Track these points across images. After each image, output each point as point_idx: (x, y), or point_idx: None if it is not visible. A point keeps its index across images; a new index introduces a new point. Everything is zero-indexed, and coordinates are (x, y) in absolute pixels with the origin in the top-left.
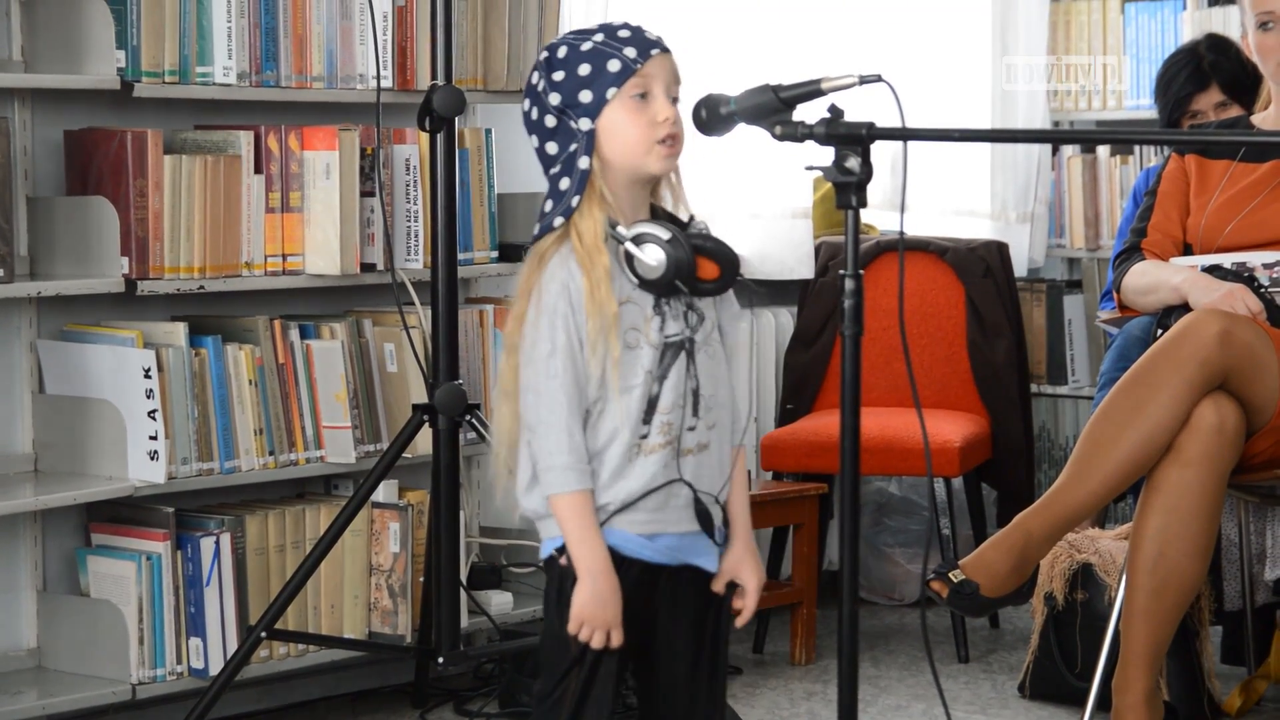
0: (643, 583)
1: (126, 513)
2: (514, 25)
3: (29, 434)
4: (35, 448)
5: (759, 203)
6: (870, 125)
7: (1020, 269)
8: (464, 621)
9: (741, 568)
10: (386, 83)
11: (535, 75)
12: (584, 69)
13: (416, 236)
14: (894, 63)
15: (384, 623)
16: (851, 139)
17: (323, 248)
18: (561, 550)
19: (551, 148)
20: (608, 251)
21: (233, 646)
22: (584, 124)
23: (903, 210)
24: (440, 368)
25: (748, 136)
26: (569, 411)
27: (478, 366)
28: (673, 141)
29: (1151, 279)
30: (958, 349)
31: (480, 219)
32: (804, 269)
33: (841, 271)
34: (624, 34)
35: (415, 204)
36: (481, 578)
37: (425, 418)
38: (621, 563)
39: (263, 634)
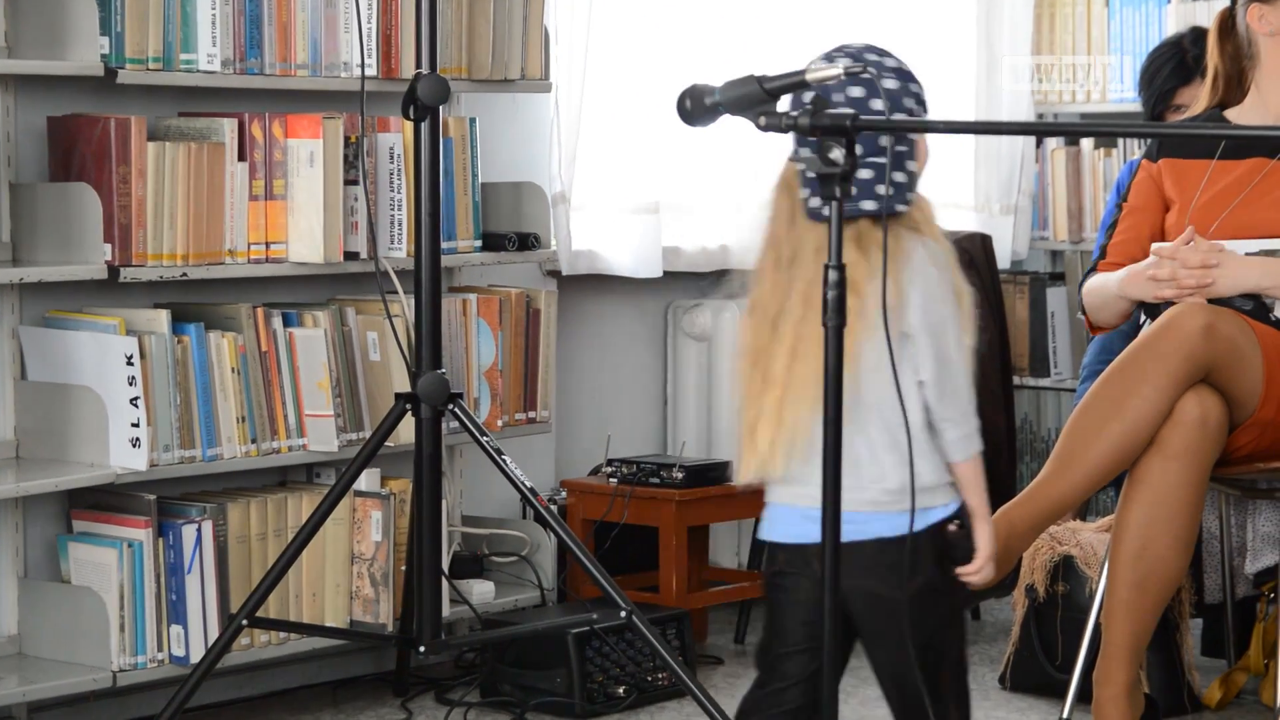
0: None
1: (108, 500)
2: (499, 14)
3: (10, 420)
4: (17, 434)
5: (741, 194)
6: (854, 116)
7: (1003, 261)
8: (445, 610)
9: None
10: (371, 71)
11: (893, 81)
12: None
13: (400, 225)
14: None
15: (365, 611)
16: (836, 130)
17: (306, 236)
18: (953, 517)
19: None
20: None
21: (214, 634)
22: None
23: (887, 202)
24: (423, 357)
25: (729, 128)
26: None
27: (461, 356)
28: None
29: (1098, 295)
30: None
31: (464, 208)
32: None
33: (825, 263)
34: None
35: (399, 193)
36: (463, 567)
37: (408, 406)
38: None
39: (244, 622)
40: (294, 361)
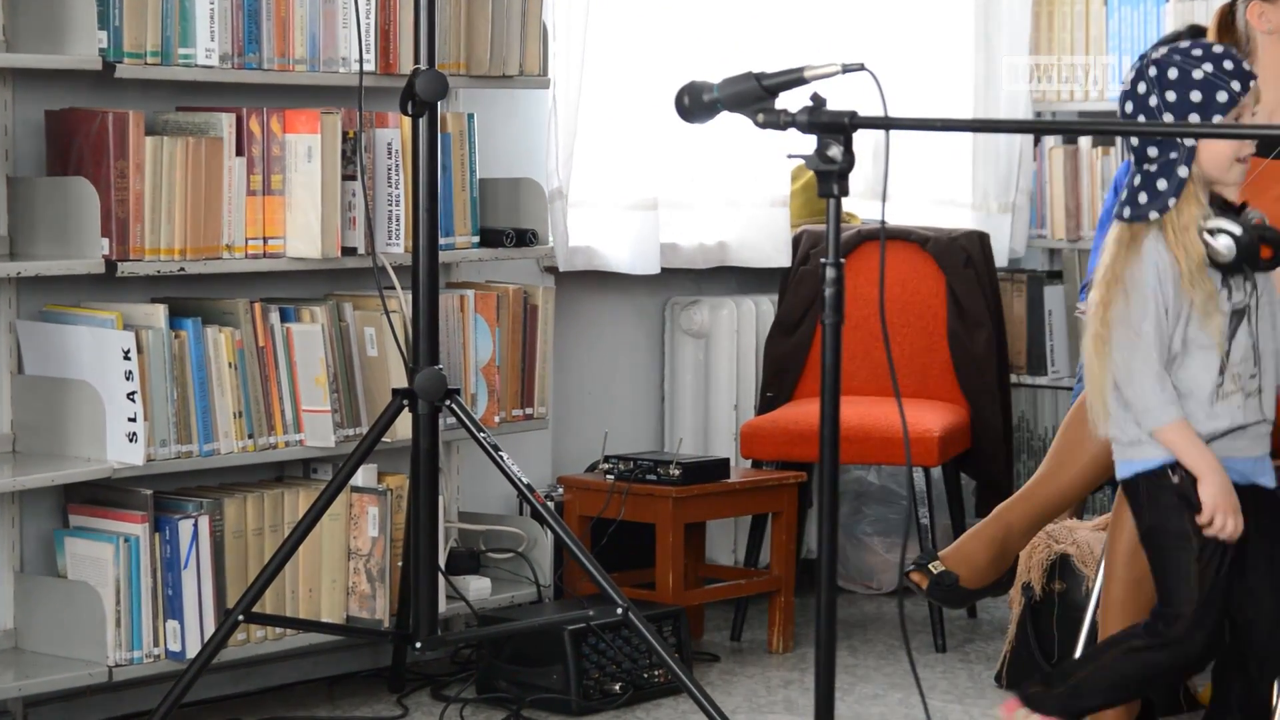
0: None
1: (104, 494)
2: (497, 10)
3: (7, 414)
4: (13, 428)
5: (738, 191)
6: (853, 114)
7: (1001, 259)
8: (442, 606)
9: None
10: (369, 66)
11: (1144, 86)
12: (1195, 95)
13: (398, 221)
14: (877, 52)
15: (362, 607)
16: (834, 127)
17: (304, 231)
18: (1174, 468)
19: (1153, 151)
20: (1199, 242)
21: (210, 629)
22: (1189, 141)
23: (884, 199)
24: (420, 352)
25: (726, 125)
26: (1159, 363)
27: (458, 351)
28: (1248, 161)
29: None
30: (938, 338)
31: (461, 204)
32: (782, 257)
33: (823, 260)
34: (1228, 66)
35: (397, 188)
36: (460, 563)
37: (405, 402)
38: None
39: (240, 617)
40: (291, 357)
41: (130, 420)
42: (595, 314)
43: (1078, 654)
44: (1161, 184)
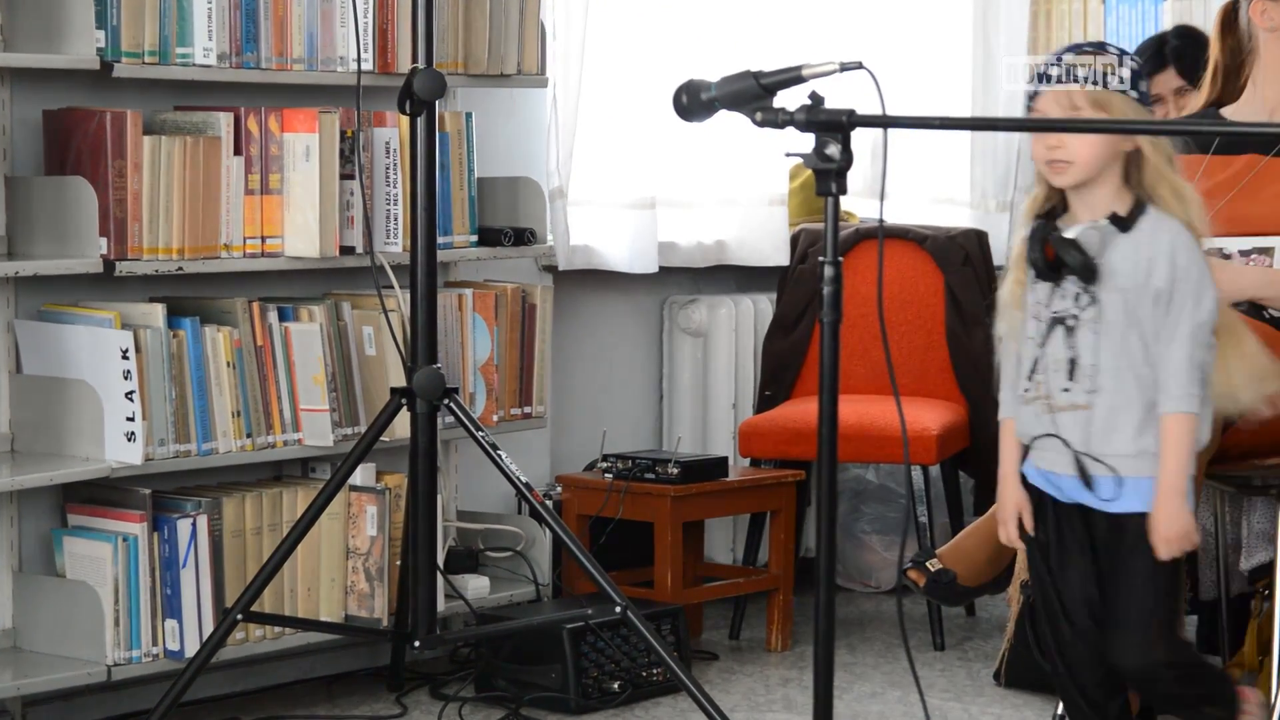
0: (1045, 506)
1: (103, 494)
2: (495, 9)
3: (5, 414)
4: (12, 428)
5: (735, 189)
6: (850, 112)
7: (999, 257)
8: (440, 605)
9: (1155, 514)
10: (367, 65)
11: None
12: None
13: (396, 220)
14: (875, 51)
15: (360, 606)
16: (832, 126)
17: (302, 230)
18: None
19: None
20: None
21: (209, 629)
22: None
23: (882, 198)
24: (419, 351)
25: (725, 124)
26: (1013, 353)
27: (456, 350)
28: (1060, 165)
29: None
30: (936, 337)
31: (460, 203)
32: (779, 256)
33: (821, 258)
34: (1054, 71)
35: (395, 187)
36: (458, 562)
37: (403, 401)
38: (1028, 485)
39: (239, 616)
40: (289, 356)
41: (129, 420)
42: (593, 313)
43: None
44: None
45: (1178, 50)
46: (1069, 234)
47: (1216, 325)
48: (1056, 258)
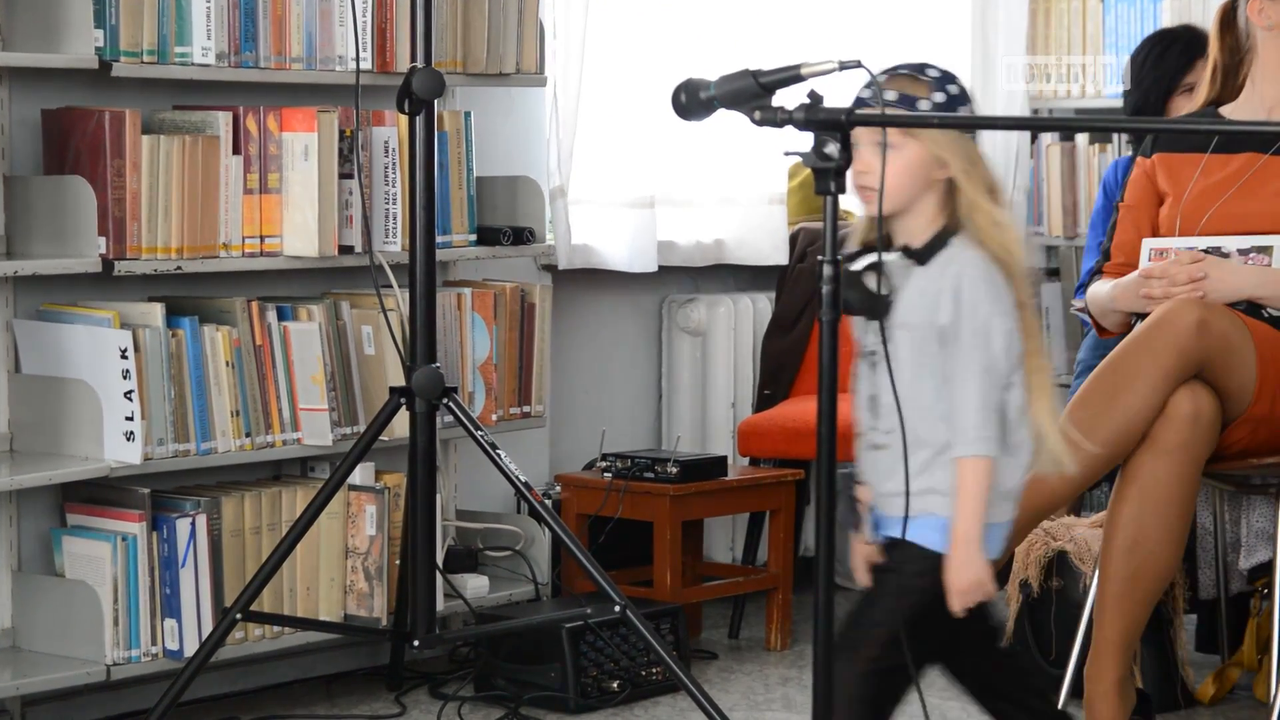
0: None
1: (102, 493)
2: (494, 8)
3: (4, 414)
4: (11, 427)
5: (734, 188)
6: (850, 111)
7: None
8: (440, 605)
9: (946, 564)
10: (366, 65)
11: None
12: None
13: (395, 219)
14: (874, 50)
15: (359, 605)
16: (831, 124)
17: (301, 229)
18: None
19: None
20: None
21: (208, 628)
22: None
23: (881, 197)
24: (418, 351)
25: (723, 123)
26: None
27: (455, 350)
28: (866, 191)
29: (1097, 305)
30: None
31: (459, 202)
32: (779, 255)
33: (820, 257)
34: (865, 94)
35: (394, 186)
36: (457, 561)
37: (402, 400)
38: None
39: (238, 616)
40: (288, 355)
41: (127, 419)
42: (592, 312)
43: (1075, 650)
44: None
45: (1205, 42)
46: (856, 267)
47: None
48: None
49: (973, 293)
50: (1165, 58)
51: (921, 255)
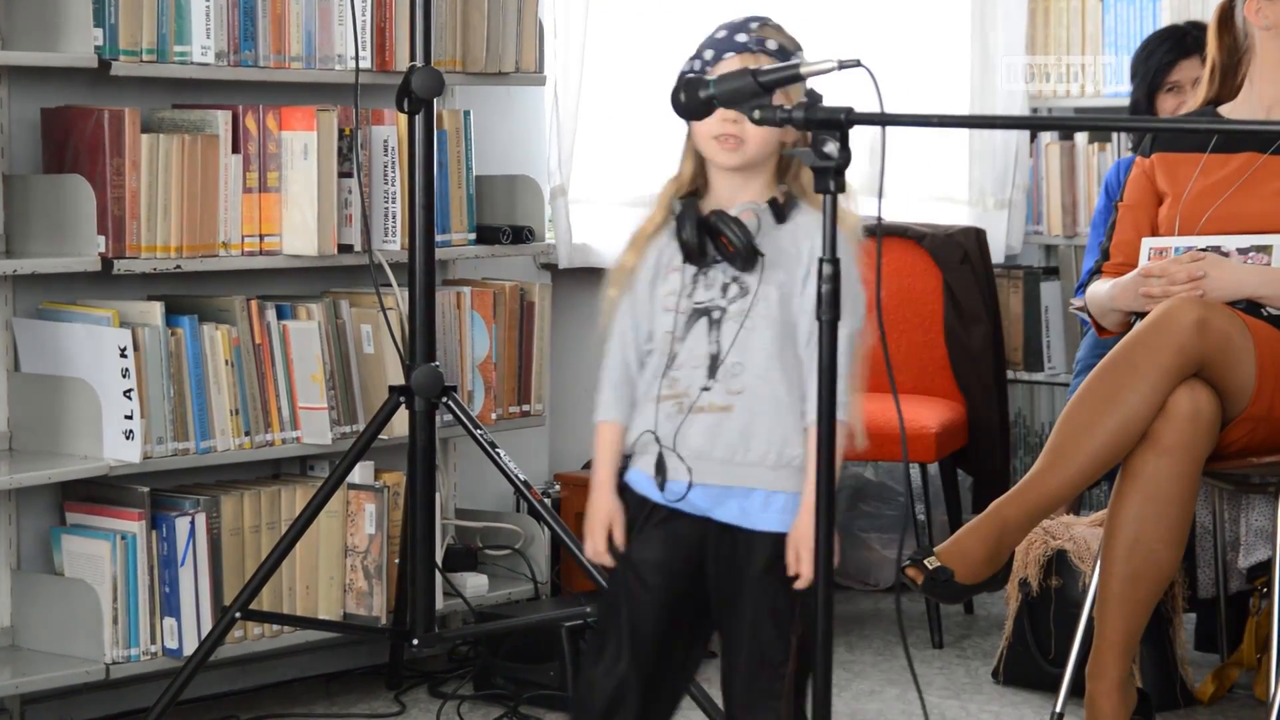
0: (661, 523)
1: (101, 492)
2: (493, 7)
3: (4, 412)
4: (10, 426)
5: None
6: (848, 110)
7: (998, 255)
8: (439, 604)
9: (795, 534)
10: (365, 64)
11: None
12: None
13: (394, 218)
14: (873, 49)
15: (359, 604)
16: (830, 123)
17: (300, 228)
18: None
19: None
20: (680, 220)
21: (207, 627)
22: None
23: (880, 196)
24: (417, 349)
25: None
26: (619, 349)
27: (454, 348)
28: (730, 140)
29: (1096, 305)
30: (934, 335)
31: (458, 201)
32: None
33: (819, 257)
34: (721, 34)
35: (393, 185)
36: (457, 560)
37: (402, 399)
38: (633, 497)
39: (237, 614)
40: (288, 354)
41: (127, 418)
42: (592, 311)
43: (1074, 649)
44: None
45: (1200, 41)
46: (733, 212)
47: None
48: (710, 240)
49: (846, 257)
50: (1151, 57)
51: (782, 212)
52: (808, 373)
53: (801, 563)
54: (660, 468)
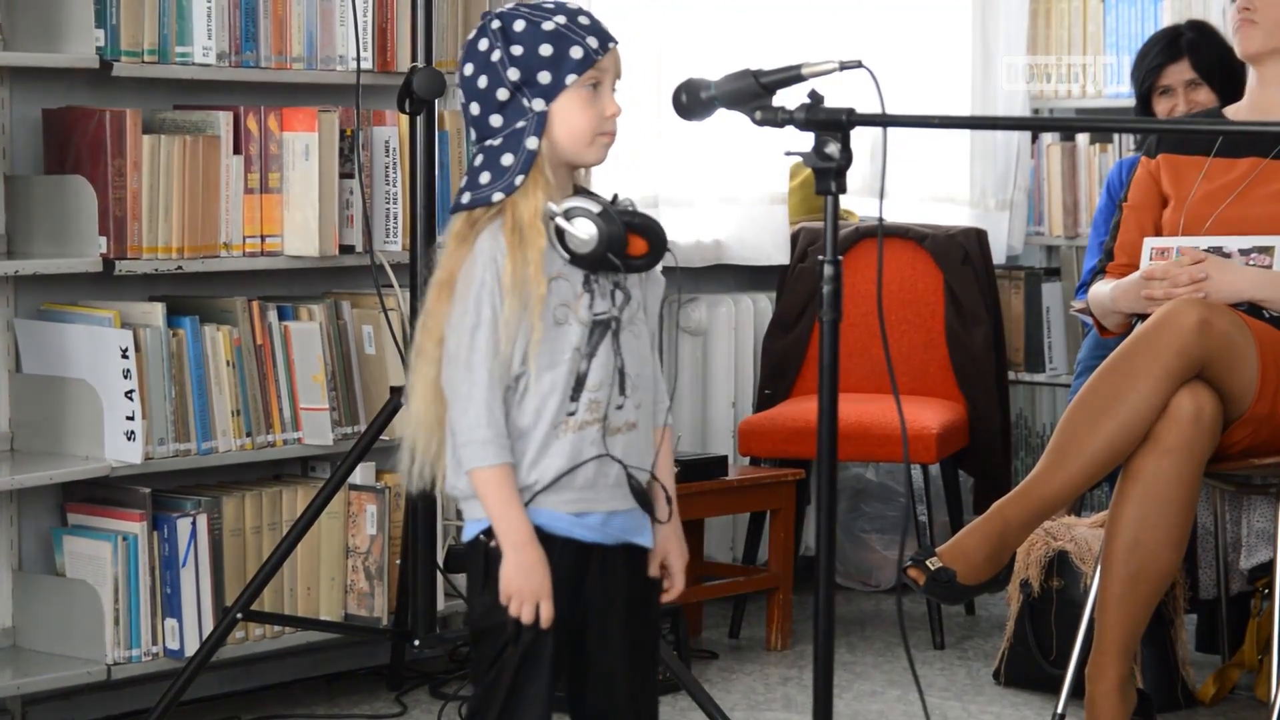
0: (575, 564)
1: (103, 493)
2: (494, 7)
3: (5, 413)
4: (11, 427)
5: (736, 188)
6: (850, 111)
7: (999, 256)
8: (440, 604)
9: (669, 547)
10: (366, 64)
11: (486, 42)
12: (545, 50)
13: (395, 218)
14: (874, 50)
15: (360, 605)
16: (831, 124)
17: (301, 229)
18: (489, 533)
19: (496, 120)
20: (544, 231)
21: (208, 628)
22: (538, 105)
23: (882, 196)
24: None
25: (724, 122)
26: (489, 387)
27: None
28: (611, 137)
29: (1098, 306)
30: (936, 336)
31: None
32: (780, 255)
33: (820, 257)
34: (584, 21)
35: (394, 186)
36: (458, 561)
37: (403, 400)
38: (553, 542)
39: (239, 615)
40: (289, 355)
41: (128, 419)
42: None
43: (1075, 650)
44: (507, 159)
45: (1193, 43)
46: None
47: None
48: (617, 244)
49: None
50: (1144, 60)
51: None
52: (655, 374)
53: (674, 575)
54: (643, 497)
